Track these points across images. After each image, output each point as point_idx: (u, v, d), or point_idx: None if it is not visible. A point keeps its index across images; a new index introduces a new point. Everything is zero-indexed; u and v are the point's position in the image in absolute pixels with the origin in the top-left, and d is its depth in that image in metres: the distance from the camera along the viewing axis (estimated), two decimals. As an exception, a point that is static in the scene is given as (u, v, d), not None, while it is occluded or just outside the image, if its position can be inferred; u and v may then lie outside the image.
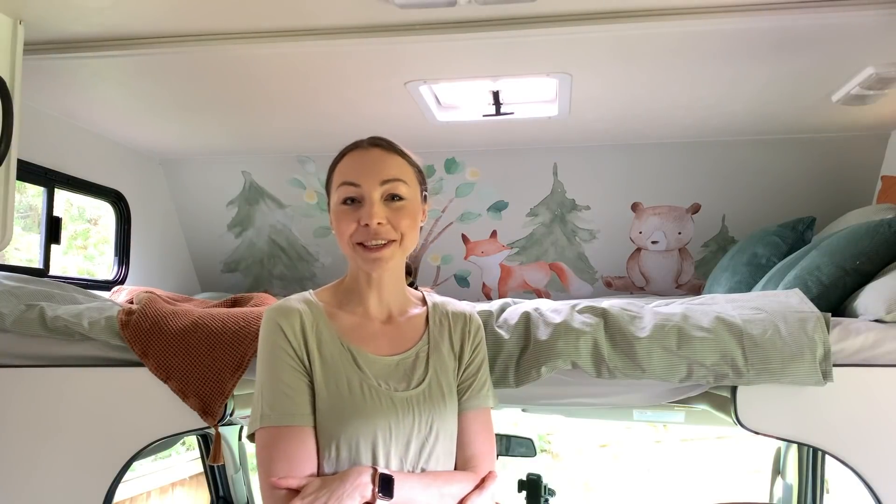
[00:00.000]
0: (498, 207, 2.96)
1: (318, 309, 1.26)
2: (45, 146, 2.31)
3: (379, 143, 1.27)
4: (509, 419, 4.27)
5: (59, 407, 1.68)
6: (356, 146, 1.28)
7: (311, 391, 1.20)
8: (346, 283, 1.31)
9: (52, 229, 2.32)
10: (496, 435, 1.44)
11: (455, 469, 1.26)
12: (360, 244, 1.21)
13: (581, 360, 1.50)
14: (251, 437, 1.20)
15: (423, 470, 1.22)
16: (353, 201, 1.22)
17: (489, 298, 3.06)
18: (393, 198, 1.23)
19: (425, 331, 1.31)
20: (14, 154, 1.62)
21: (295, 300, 1.27)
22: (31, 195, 3.56)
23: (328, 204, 1.30)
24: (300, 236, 3.12)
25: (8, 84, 1.60)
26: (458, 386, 1.31)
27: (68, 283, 2.20)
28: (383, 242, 1.21)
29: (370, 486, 1.12)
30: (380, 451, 1.17)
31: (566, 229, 2.96)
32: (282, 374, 1.19)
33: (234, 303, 2.05)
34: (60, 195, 2.47)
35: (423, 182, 1.31)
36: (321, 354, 1.21)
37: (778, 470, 2.70)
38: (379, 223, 1.19)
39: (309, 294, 1.29)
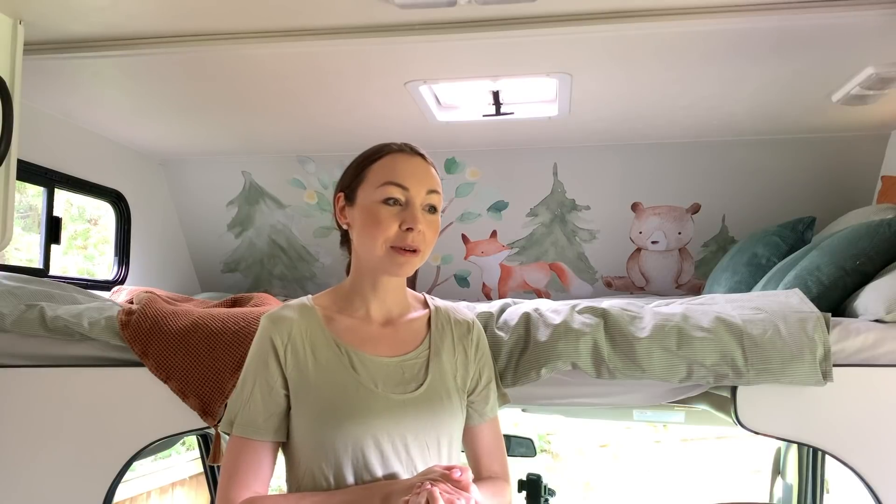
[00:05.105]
0: (498, 207, 2.96)
1: (314, 314, 1.25)
2: (45, 146, 2.31)
3: (420, 153, 1.25)
4: (509, 419, 4.27)
5: (59, 407, 1.68)
6: (399, 149, 1.24)
7: (287, 404, 1.21)
8: (347, 289, 1.29)
9: (52, 229, 2.32)
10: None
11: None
12: (393, 247, 1.20)
13: (581, 360, 1.50)
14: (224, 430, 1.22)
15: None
16: (395, 203, 1.20)
17: (489, 298, 3.06)
18: (430, 209, 1.22)
19: (427, 335, 1.30)
20: (14, 154, 1.62)
21: (290, 307, 1.26)
22: (31, 195, 3.56)
23: (344, 198, 1.26)
24: (300, 236, 3.12)
25: (8, 84, 1.60)
26: (469, 397, 1.32)
27: (68, 283, 2.21)
28: (413, 250, 1.19)
29: None
30: (376, 454, 1.17)
31: (566, 229, 2.96)
32: (257, 387, 1.20)
33: (234, 303, 2.05)
34: (60, 195, 2.47)
35: None
36: (316, 359, 1.21)
37: (778, 470, 2.71)
38: (420, 230, 1.19)
39: (307, 300, 1.29)
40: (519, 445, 2.62)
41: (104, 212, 3.65)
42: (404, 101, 2.19)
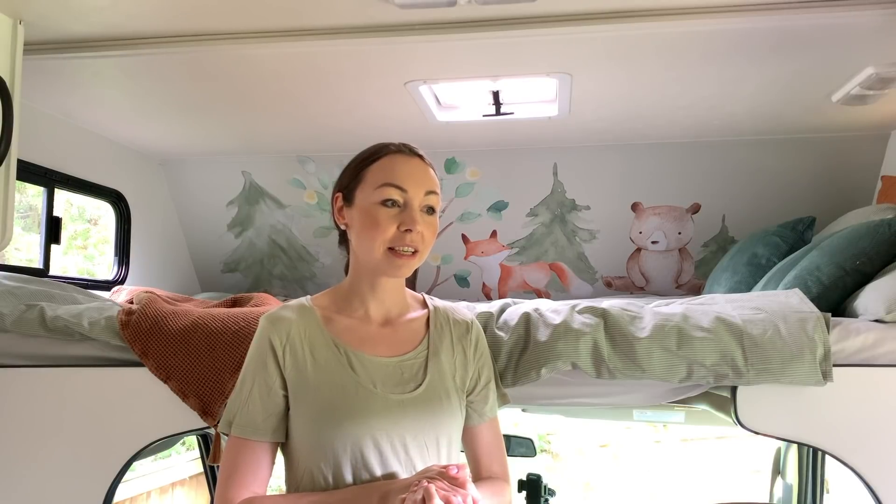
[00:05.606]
0: (498, 207, 2.97)
1: (313, 314, 1.25)
2: (45, 146, 2.31)
3: (419, 154, 1.26)
4: (509, 419, 4.27)
5: (59, 407, 1.68)
6: (397, 150, 1.24)
7: (286, 404, 1.21)
8: (346, 289, 1.30)
9: (52, 229, 2.32)
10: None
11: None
12: (391, 248, 1.20)
13: (581, 360, 1.50)
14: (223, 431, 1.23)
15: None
16: (393, 204, 1.20)
17: (489, 298, 3.06)
18: (429, 210, 1.22)
19: (426, 335, 1.30)
20: (14, 154, 1.62)
21: (289, 308, 1.26)
22: (31, 195, 3.56)
23: (342, 198, 1.26)
24: (300, 236, 3.12)
25: (8, 84, 1.60)
26: (468, 397, 1.31)
27: (68, 283, 2.21)
28: (412, 251, 1.20)
29: None
30: (375, 454, 1.17)
31: (566, 229, 2.96)
32: (255, 388, 1.21)
33: (234, 303, 2.05)
34: (60, 195, 2.47)
35: None
36: (314, 359, 1.21)
37: (778, 470, 2.71)
38: (419, 231, 1.19)
39: (305, 300, 1.29)
40: (519, 445, 2.62)
41: (104, 212, 3.65)
42: (404, 101, 2.19)
